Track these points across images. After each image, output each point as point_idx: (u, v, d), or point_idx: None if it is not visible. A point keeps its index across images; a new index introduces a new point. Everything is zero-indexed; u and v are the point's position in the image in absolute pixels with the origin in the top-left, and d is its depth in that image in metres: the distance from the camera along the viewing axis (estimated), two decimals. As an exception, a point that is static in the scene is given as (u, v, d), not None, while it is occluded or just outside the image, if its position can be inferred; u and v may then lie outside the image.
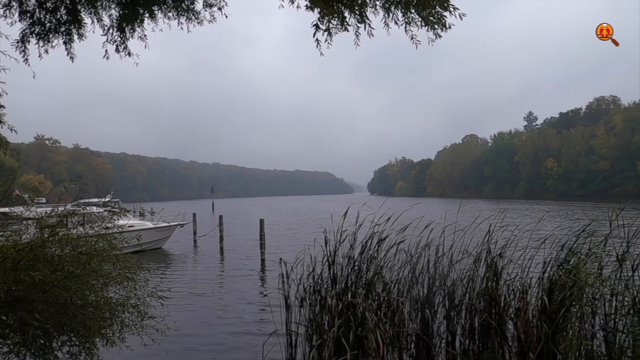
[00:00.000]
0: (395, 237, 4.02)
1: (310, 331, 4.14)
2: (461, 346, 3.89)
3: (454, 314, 3.87)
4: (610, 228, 3.59)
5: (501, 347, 3.64)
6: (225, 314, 8.98)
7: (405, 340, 3.83)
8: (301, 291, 4.19)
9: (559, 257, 3.63)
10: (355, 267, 3.97)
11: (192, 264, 16.62)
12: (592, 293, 3.54)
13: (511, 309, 3.74)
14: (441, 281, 3.82)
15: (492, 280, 3.69)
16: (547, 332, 3.43)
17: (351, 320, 3.45)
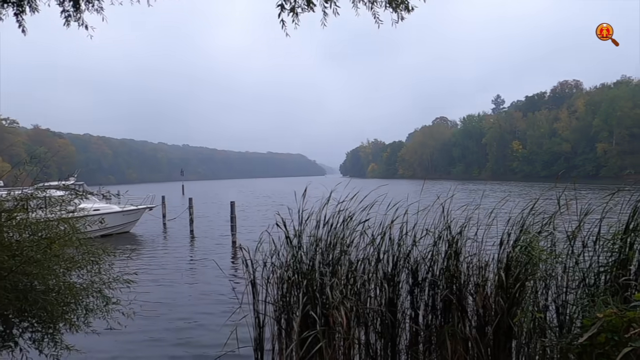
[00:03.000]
0: (360, 216, 4.10)
1: (278, 311, 4.20)
2: (424, 321, 4.05)
3: (418, 291, 4.01)
4: (559, 207, 3.78)
5: (461, 321, 3.81)
6: (194, 297, 8.98)
7: (370, 317, 3.95)
8: (268, 271, 4.23)
9: (515, 235, 3.80)
10: (320, 246, 4.03)
11: (161, 247, 16.39)
12: (545, 269, 3.74)
13: (471, 285, 3.91)
14: (405, 259, 3.94)
15: (452, 258, 3.83)
16: (504, 306, 3.61)
17: (317, 298, 3.53)
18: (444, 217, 3.99)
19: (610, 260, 3.60)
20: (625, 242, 3.46)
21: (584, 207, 3.92)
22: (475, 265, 3.95)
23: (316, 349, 3.27)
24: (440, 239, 3.93)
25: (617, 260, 3.50)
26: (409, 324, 4.01)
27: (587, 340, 2.95)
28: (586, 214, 3.81)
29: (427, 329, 4.03)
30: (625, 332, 2.80)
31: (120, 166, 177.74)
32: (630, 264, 3.44)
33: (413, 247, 3.97)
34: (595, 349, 2.92)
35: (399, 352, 3.98)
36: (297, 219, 4.21)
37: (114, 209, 18.82)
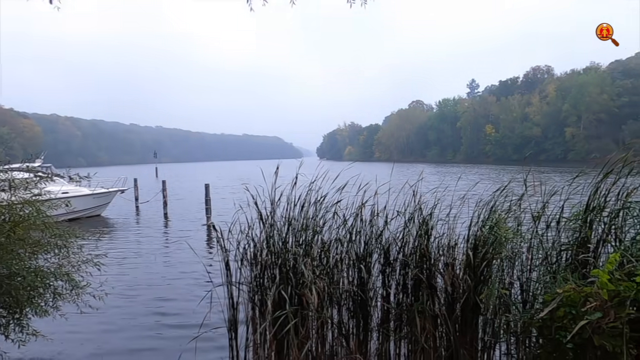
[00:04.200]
0: (333, 198, 4.13)
1: (252, 291, 4.22)
2: (395, 299, 4.14)
3: (389, 271, 4.10)
4: (526, 189, 3.90)
5: (430, 299, 3.92)
6: (169, 279, 8.93)
7: (343, 296, 4.02)
8: (241, 252, 4.24)
9: (483, 215, 3.91)
10: (293, 226, 4.05)
11: (134, 230, 16.11)
12: (511, 248, 3.88)
13: (440, 264, 4.02)
14: (376, 240, 4.01)
15: (423, 238, 3.92)
16: (471, 284, 3.74)
17: (290, 278, 3.56)
18: (415, 199, 4.06)
19: (572, 239, 3.76)
20: (585, 222, 3.61)
21: (549, 189, 4.07)
22: (445, 246, 4.06)
23: (288, 328, 3.31)
24: (411, 220, 4.00)
25: (578, 239, 3.66)
26: (380, 302, 4.10)
27: (547, 314, 3.10)
28: (551, 196, 3.95)
29: (398, 307, 4.14)
30: (582, 306, 2.95)
31: (91, 148, 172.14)
32: (589, 242, 3.60)
33: (385, 228, 4.03)
34: (555, 322, 3.07)
35: (370, 330, 4.08)
36: (270, 199, 4.20)
37: (83, 191, 18.29)
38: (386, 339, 4.09)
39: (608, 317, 2.85)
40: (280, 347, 3.63)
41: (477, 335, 4.09)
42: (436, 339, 3.93)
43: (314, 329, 4.01)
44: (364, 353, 3.95)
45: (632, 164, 3.55)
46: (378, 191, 4.27)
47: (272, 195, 4.22)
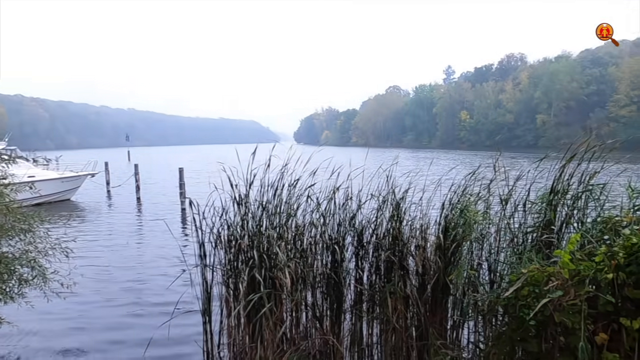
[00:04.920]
0: (307, 181, 4.13)
1: (226, 274, 4.21)
2: (368, 281, 4.22)
3: (363, 253, 4.16)
4: (495, 173, 4.01)
5: (402, 280, 4.01)
6: (143, 263, 8.82)
7: (316, 278, 4.06)
8: (216, 235, 4.21)
9: (454, 199, 4.00)
10: (267, 209, 4.04)
11: (105, 215, 15.74)
12: (480, 230, 3.99)
13: (412, 247, 4.10)
14: (350, 223, 4.04)
15: (395, 221, 3.98)
16: (441, 266, 3.84)
17: (264, 260, 3.57)
18: (388, 183, 4.10)
19: (537, 221, 3.89)
20: (550, 205, 3.74)
21: (517, 174, 4.19)
22: (417, 228, 4.14)
23: (262, 312, 3.32)
24: (384, 203, 4.05)
25: (542, 221, 3.80)
26: (353, 284, 4.16)
27: (513, 293, 3.22)
28: (517, 180, 4.06)
29: (370, 288, 4.21)
30: (545, 285, 3.08)
31: (59, 130, 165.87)
32: (553, 224, 3.73)
33: (358, 211, 4.07)
34: (519, 301, 3.20)
35: (344, 312, 4.15)
36: (245, 183, 4.17)
37: (51, 175, 17.68)
38: (359, 320, 4.17)
39: (568, 295, 2.98)
40: (254, 329, 3.65)
41: (447, 314, 4.22)
42: (407, 319, 4.04)
43: (287, 311, 4.04)
44: (337, 334, 4.02)
45: (594, 148, 3.68)
46: (352, 175, 4.30)
47: (246, 179, 4.19)
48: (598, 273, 2.93)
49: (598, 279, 2.93)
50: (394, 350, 4.02)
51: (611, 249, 2.97)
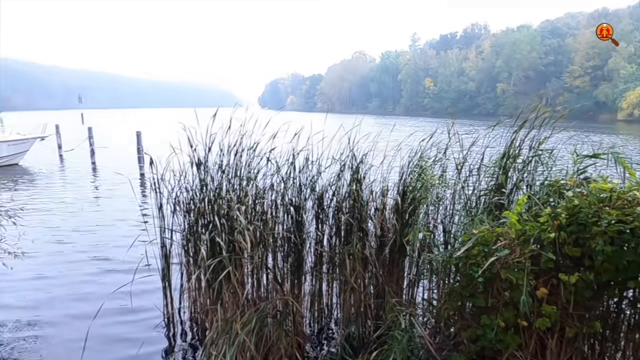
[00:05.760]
0: (267, 144, 4.07)
1: (185, 239, 4.17)
2: (328, 244, 4.30)
3: (323, 216, 4.21)
4: (449, 138, 4.11)
5: (361, 242, 4.11)
6: (99, 229, 8.56)
7: (277, 242, 4.08)
8: (174, 198, 4.13)
9: (412, 163, 4.08)
10: (227, 172, 3.98)
11: (58, 180, 15.01)
12: (436, 193, 4.12)
13: (371, 210, 4.19)
14: (311, 186, 4.06)
15: (355, 185, 4.03)
16: (398, 228, 3.96)
17: (224, 224, 3.54)
18: (349, 147, 4.12)
19: (490, 184, 4.06)
20: (501, 169, 3.90)
21: (473, 140, 4.32)
22: (376, 192, 4.21)
23: (222, 275, 3.33)
24: (345, 166, 4.08)
25: (495, 184, 3.96)
26: (314, 247, 4.23)
27: (464, 253, 3.38)
28: (471, 145, 4.18)
29: (331, 250, 4.30)
30: (494, 244, 3.25)
31: (2, 90, 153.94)
32: (504, 187, 3.91)
33: (319, 174, 4.09)
34: (470, 260, 3.37)
35: (304, 273, 4.23)
36: (204, 146, 4.07)
37: (-4, 138, 16.55)
38: (318, 281, 4.27)
39: (514, 253, 3.16)
40: (214, 292, 3.67)
41: (403, 274, 4.40)
42: (365, 279, 4.17)
43: (248, 274, 4.08)
44: (297, 295, 4.11)
45: (545, 114, 3.83)
46: (314, 140, 4.27)
47: (205, 142, 4.08)
48: (542, 233, 3.11)
49: (542, 238, 3.12)
50: (352, 309, 4.18)
51: (555, 210, 3.15)
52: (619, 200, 2.99)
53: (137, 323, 4.68)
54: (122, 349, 4.26)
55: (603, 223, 2.85)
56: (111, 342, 4.39)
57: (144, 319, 4.70)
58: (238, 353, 3.07)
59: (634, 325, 3.16)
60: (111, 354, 4.19)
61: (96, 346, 4.22)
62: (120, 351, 4.23)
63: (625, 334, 3.26)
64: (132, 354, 4.13)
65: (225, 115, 4.27)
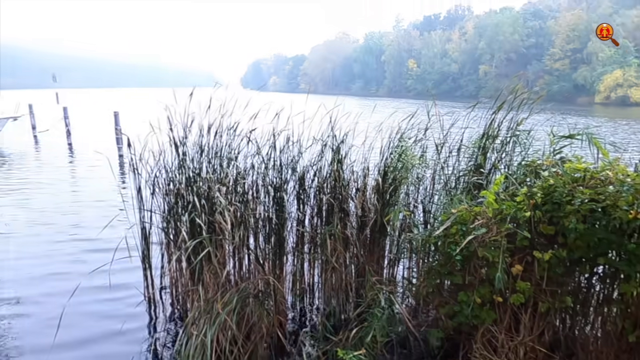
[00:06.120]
0: (248, 125, 4.02)
1: (165, 220, 4.12)
2: (310, 224, 4.31)
3: (304, 197, 4.21)
4: (429, 119, 4.12)
5: (342, 222, 4.14)
6: (79, 210, 8.41)
7: (259, 222, 4.07)
8: (152, 179, 4.07)
9: (393, 143, 4.09)
10: (206, 153, 3.92)
11: (34, 162, 14.59)
12: (416, 174, 4.16)
13: (353, 190, 4.21)
14: (292, 166, 4.04)
15: (336, 165, 4.03)
16: (379, 208, 3.99)
17: (204, 205, 3.51)
18: (330, 127, 4.10)
19: (469, 165, 4.11)
20: (480, 149, 3.95)
21: (452, 121, 4.35)
22: (358, 172, 4.23)
23: (202, 256, 3.31)
24: (326, 146, 4.07)
25: (473, 165, 4.02)
26: (295, 227, 4.24)
27: (443, 232, 3.44)
28: (451, 126, 4.22)
29: (312, 230, 4.32)
30: (472, 223, 3.31)
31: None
32: (483, 168, 3.97)
33: (300, 155, 4.07)
34: (448, 238, 3.43)
35: (286, 254, 4.24)
36: (183, 126, 3.99)
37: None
38: (300, 261, 4.30)
39: (491, 232, 3.23)
40: (195, 273, 3.66)
41: (384, 253, 4.46)
42: (346, 259, 4.22)
43: (229, 255, 4.07)
44: (279, 275, 4.13)
45: (523, 94, 3.87)
46: (296, 120, 4.24)
47: (185, 122, 3.99)
48: (518, 212, 3.18)
49: (518, 217, 3.19)
50: (333, 288, 4.23)
51: (531, 190, 3.22)
52: (592, 179, 3.08)
53: (117, 303, 4.66)
54: (102, 329, 4.25)
55: (576, 202, 2.93)
56: (92, 321, 4.37)
57: (124, 299, 4.68)
58: (219, 332, 3.09)
59: (602, 299, 3.30)
60: (91, 332, 4.18)
61: (76, 324, 4.20)
62: (100, 331, 4.22)
63: (594, 308, 3.40)
64: (113, 334, 4.13)
65: (206, 95, 4.18)
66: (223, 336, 3.11)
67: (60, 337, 3.79)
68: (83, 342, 4.03)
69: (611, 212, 2.79)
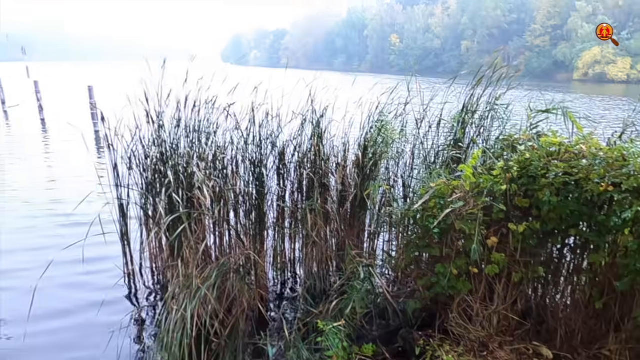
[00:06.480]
0: (227, 99, 3.93)
1: (143, 196, 4.06)
2: (290, 199, 4.31)
3: (285, 172, 4.19)
4: (409, 93, 4.11)
5: (323, 197, 4.15)
6: (55, 185, 8.22)
7: (240, 198, 4.04)
8: (128, 154, 3.98)
9: (373, 118, 4.08)
10: (183, 127, 3.83)
11: (5, 138, 14.05)
12: (396, 148, 4.18)
13: (333, 165, 4.20)
14: (272, 141, 4.00)
15: (316, 138, 4.01)
16: (358, 182, 4.01)
17: (182, 180, 3.46)
18: (310, 101, 4.05)
19: (449, 140, 4.14)
20: (459, 123, 3.98)
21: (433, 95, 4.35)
22: (338, 147, 4.22)
23: (180, 230, 3.28)
24: (306, 121, 4.03)
25: (453, 139, 4.05)
26: (276, 202, 4.23)
27: (421, 206, 3.48)
28: (431, 100, 4.21)
29: (293, 206, 4.32)
30: (450, 197, 3.36)
31: None
32: (462, 142, 4.00)
33: (280, 129, 4.02)
34: (426, 212, 3.48)
35: (267, 229, 4.25)
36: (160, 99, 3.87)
37: None
38: (281, 236, 4.32)
39: (468, 205, 3.29)
40: (174, 248, 3.64)
41: (364, 228, 4.51)
42: (327, 233, 4.25)
43: (210, 230, 4.05)
44: (260, 250, 4.14)
45: (501, 69, 3.88)
46: (276, 94, 4.16)
47: (160, 95, 3.88)
48: (495, 185, 3.24)
49: (494, 190, 3.25)
50: (314, 262, 4.28)
51: (507, 164, 3.27)
52: (567, 153, 3.14)
53: (97, 278, 4.62)
54: (82, 302, 4.23)
55: (551, 175, 2.99)
56: (71, 295, 4.36)
57: (103, 274, 4.64)
58: (199, 307, 3.10)
59: (573, 269, 3.43)
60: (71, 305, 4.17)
61: (56, 297, 4.19)
62: (80, 304, 4.19)
63: (565, 278, 3.53)
64: (92, 307, 4.11)
65: (183, 68, 4.06)
66: (204, 310, 3.12)
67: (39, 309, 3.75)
68: (63, 314, 4.01)
69: (583, 185, 2.87)
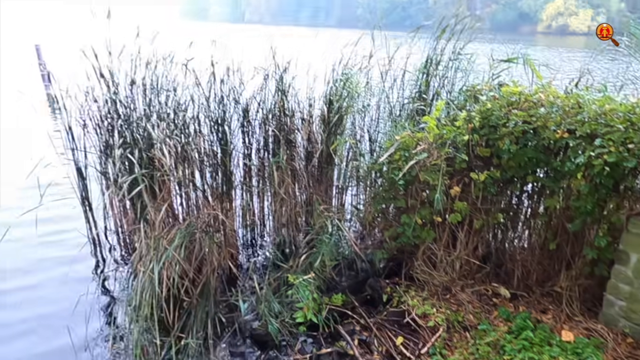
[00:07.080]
0: (185, 55, 3.73)
1: (101, 159, 3.90)
2: (257, 157, 4.25)
3: (250, 129, 4.09)
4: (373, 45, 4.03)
5: (289, 153, 4.11)
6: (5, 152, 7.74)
7: (203, 158, 3.94)
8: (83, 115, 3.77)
9: (337, 71, 4.00)
10: (138, 84, 3.64)
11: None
12: (362, 102, 4.14)
13: (299, 121, 4.14)
14: (235, 98, 3.87)
15: (280, 94, 3.91)
16: (324, 138, 3.98)
17: (138, 140, 3.32)
18: (272, 56, 3.90)
19: (413, 92, 4.13)
20: (423, 75, 3.96)
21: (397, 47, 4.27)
22: (303, 102, 4.14)
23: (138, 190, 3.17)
24: (269, 76, 3.90)
25: (417, 92, 4.04)
26: (242, 160, 4.17)
27: (387, 158, 3.52)
28: (396, 50, 4.15)
29: (260, 163, 4.27)
30: (414, 149, 3.40)
31: None
32: (426, 94, 4.01)
33: (242, 85, 3.89)
34: (392, 165, 3.52)
35: (234, 188, 4.20)
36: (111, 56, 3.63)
37: None
38: (248, 194, 4.29)
39: (432, 156, 3.35)
40: (138, 210, 3.56)
41: (332, 183, 4.54)
42: (295, 190, 4.25)
43: (175, 192, 3.97)
44: (229, 209, 4.11)
45: (464, 19, 3.84)
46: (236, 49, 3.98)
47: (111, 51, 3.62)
48: (457, 136, 3.29)
49: (457, 141, 3.30)
50: (283, 219, 4.30)
51: (470, 114, 3.32)
52: (526, 102, 3.20)
53: (60, 245, 4.50)
54: (48, 272, 4.13)
55: (510, 124, 3.06)
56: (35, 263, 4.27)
57: (66, 241, 4.53)
58: (168, 267, 3.08)
59: (530, 214, 3.60)
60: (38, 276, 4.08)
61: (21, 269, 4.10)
62: (45, 275, 4.10)
63: (522, 223, 3.71)
64: (59, 275, 4.04)
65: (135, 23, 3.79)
66: (173, 270, 3.11)
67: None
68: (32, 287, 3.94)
69: (541, 133, 2.95)
